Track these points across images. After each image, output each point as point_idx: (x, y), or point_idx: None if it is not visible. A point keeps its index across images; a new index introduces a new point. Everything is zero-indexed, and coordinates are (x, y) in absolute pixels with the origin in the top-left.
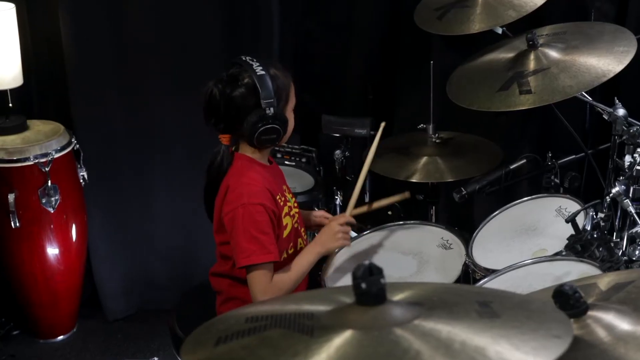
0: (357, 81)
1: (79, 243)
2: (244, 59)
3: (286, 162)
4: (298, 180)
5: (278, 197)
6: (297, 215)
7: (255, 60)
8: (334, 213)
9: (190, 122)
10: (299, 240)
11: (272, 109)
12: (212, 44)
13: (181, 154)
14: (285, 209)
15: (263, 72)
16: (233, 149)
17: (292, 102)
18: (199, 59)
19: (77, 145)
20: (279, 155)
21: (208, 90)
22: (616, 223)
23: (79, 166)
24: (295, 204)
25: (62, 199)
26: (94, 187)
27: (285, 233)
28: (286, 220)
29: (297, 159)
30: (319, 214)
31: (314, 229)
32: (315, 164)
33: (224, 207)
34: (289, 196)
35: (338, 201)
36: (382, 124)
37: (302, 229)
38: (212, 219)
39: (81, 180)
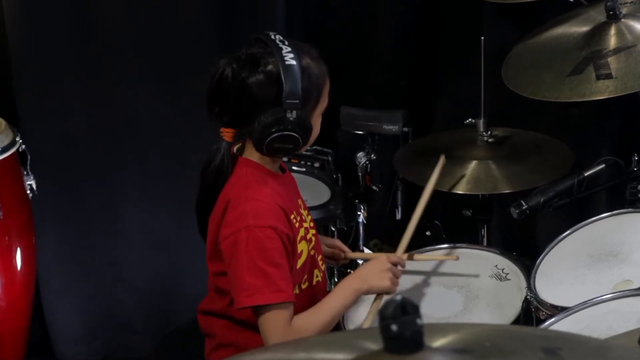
0: (385, 63)
1: (25, 272)
2: (272, 37)
3: (294, 168)
4: (310, 190)
5: (293, 216)
6: (314, 239)
7: (285, 42)
8: (356, 233)
9: (174, 118)
10: (315, 271)
11: (294, 112)
12: (199, 13)
13: (159, 159)
14: (301, 232)
15: (293, 62)
16: (235, 150)
17: (323, 104)
18: (182, 35)
19: (23, 146)
20: (284, 159)
21: (218, 71)
22: None
23: (25, 173)
24: (312, 224)
25: (4, 216)
26: (45, 200)
27: (300, 263)
28: (301, 247)
29: (309, 163)
30: (334, 243)
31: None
32: (332, 169)
33: (222, 229)
34: (304, 214)
35: (361, 218)
36: (442, 159)
37: (320, 256)
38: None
39: (28, 192)
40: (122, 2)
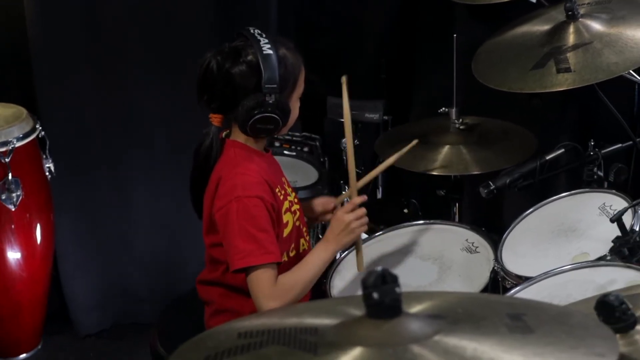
0: (368, 58)
1: (44, 246)
2: (251, 31)
3: (285, 152)
4: (299, 172)
5: (277, 190)
6: (298, 212)
7: (264, 35)
8: None
9: (175, 106)
10: (301, 240)
11: (273, 95)
12: (200, 13)
13: (164, 144)
14: (286, 204)
15: (270, 52)
16: (224, 134)
17: (299, 89)
18: (185, 31)
19: (43, 133)
20: (277, 144)
21: (205, 62)
22: None
23: (44, 157)
24: (296, 199)
25: (25, 195)
26: (62, 181)
27: (286, 232)
28: (286, 218)
29: (299, 148)
30: (320, 200)
31: (319, 220)
32: (320, 154)
33: (215, 202)
34: (288, 190)
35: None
36: (344, 78)
37: (304, 228)
38: (200, 214)
39: (47, 174)
40: (129, 4)
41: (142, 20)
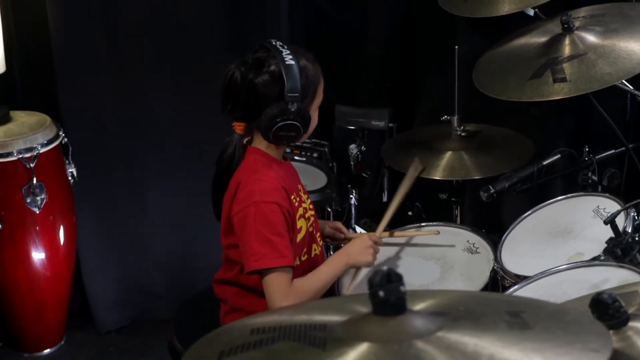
0: (374, 68)
1: (67, 247)
2: (273, 43)
3: (296, 157)
4: (309, 177)
5: (293, 197)
6: (312, 218)
7: (285, 47)
8: (348, 213)
9: (189, 112)
10: (314, 245)
11: (295, 104)
12: (213, 25)
13: (179, 148)
14: (300, 211)
15: (292, 62)
16: (245, 141)
17: (318, 98)
18: (198, 43)
19: (65, 139)
20: (288, 150)
21: (229, 73)
22: None
23: (67, 162)
24: (311, 206)
25: (49, 199)
26: (84, 185)
27: (299, 237)
28: (300, 223)
29: (308, 153)
30: (335, 225)
31: (324, 239)
32: (328, 159)
33: (234, 206)
34: (304, 197)
35: (353, 200)
36: (420, 167)
37: (318, 234)
38: (219, 217)
39: (70, 178)
40: (143, 12)
41: (156, 29)
